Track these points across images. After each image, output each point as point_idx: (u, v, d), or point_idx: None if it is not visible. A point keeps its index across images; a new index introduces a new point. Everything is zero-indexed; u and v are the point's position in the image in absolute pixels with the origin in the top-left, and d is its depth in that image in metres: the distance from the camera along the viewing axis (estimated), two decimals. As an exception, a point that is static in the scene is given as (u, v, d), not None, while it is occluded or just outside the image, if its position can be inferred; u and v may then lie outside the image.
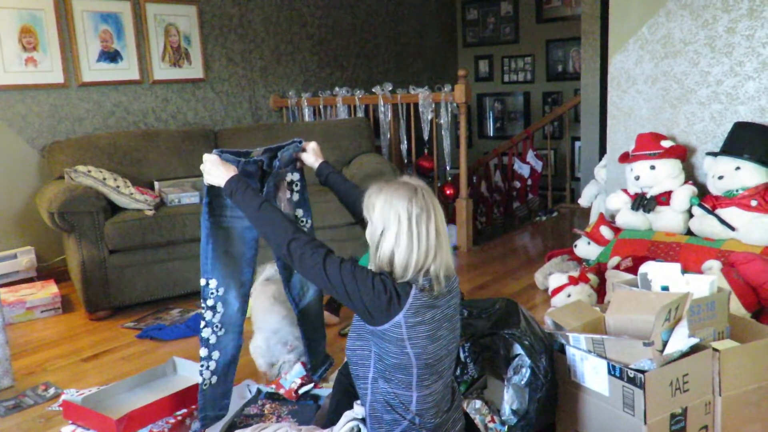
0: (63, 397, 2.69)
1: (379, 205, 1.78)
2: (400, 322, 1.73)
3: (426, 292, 1.76)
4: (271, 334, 2.73)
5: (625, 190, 3.73)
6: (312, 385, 2.62)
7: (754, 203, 3.21)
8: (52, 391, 2.83)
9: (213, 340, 2.28)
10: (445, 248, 1.80)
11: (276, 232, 1.90)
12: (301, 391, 2.59)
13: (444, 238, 1.80)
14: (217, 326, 2.29)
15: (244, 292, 2.36)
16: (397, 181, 1.83)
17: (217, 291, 2.27)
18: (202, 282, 2.25)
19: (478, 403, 2.27)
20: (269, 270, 3.01)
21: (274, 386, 2.64)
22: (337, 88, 5.39)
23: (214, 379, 2.31)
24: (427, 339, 1.77)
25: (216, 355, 2.30)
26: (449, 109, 4.80)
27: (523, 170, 6.09)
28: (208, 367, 2.29)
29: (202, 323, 2.27)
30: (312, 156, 2.37)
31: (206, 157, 2.12)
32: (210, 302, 2.26)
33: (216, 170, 2.08)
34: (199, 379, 2.29)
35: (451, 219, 5.10)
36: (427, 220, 1.76)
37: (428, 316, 1.76)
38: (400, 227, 1.74)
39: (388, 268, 1.78)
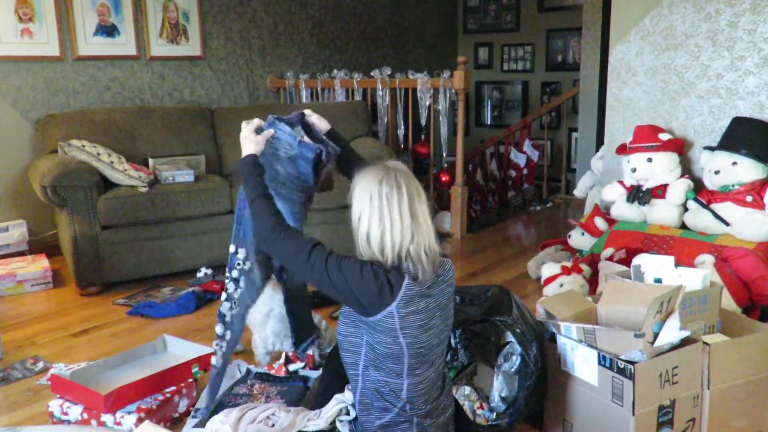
0: (51, 371, 2.68)
1: (357, 191, 1.77)
2: (392, 312, 1.71)
3: (419, 282, 1.74)
4: (275, 322, 2.70)
5: (621, 182, 3.73)
6: (302, 365, 2.62)
7: (749, 199, 3.21)
8: (40, 365, 2.82)
9: (228, 317, 2.17)
10: (425, 230, 1.76)
11: (261, 227, 1.88)
12: (291, 368, 2.59)
13: (423, 219, 1.76)
14: (235, 302, 2.18)
15: (268, 273, 2.27)
16: (375, 165, 1.81)
17: (244, 263, 2.17)
18: (231, 248, 2.15)
19: (467, 390, 2.28)
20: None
21: (265, 368, 2.64)
22: (335, 71, 5.35)
23: (220, 362, 2.20)
24: (420, 329, 1.76)
25: (228, 335, 2.20)
26: (447, 96, 4.77)
27: (519, 159, 6.08)
28: (221, 348, 2.19)
29: (224, 295, 2.17)
30: (321, 122, 2.31)
31: (244, 126, 2.11)
32: (235, 273, 2.15)
33: (244, 143, 2.10)
34: (213, 359, 2.19)
35: (445, 206, 5.09)
36: (399, 199, 1.72)
37: (422, 305, 1.75)
38: (371, 207, 1.73)
39: (373, 253, 1.75)
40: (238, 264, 2.16)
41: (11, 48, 4.16)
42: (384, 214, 1.72)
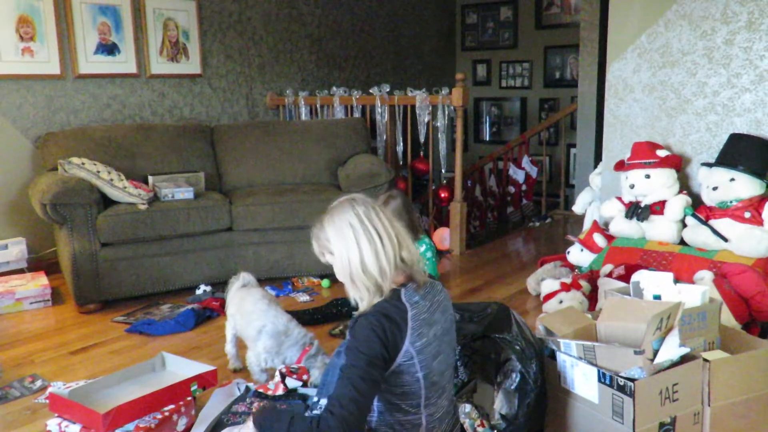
0: (50, 389, 2.67)
1: (332, 233, 1.75)
2: (409, 351, 1.70)
3: (420, 306, 1.73)
4: (284, 338, 2.67)
5: (620, 198, 3.74)
6: (300, 383, 2.60)
7: (747, 215, 3.22)
8: (39, 383, 2.81)
9: None
10: (405, 236, 1.78)
11: None
12: (290, 385, 2.57)
13: (399, 228, 1.78)
14: None
15: None
16: (333, 206, 1.81)
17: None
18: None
19: (467, 407, 2.27)
20: (245, 277, 2.95)
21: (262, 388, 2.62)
22: (334, 88, 5.38)
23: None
24: (432, 357, 1.76)
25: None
26: (446, 113, 4.80)
27: (518, 175, 6.10)
28: None
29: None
30: None
31: None
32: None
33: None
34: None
35: (444, 222, 5.10)
36: (375, 213, 1.75)
37: (431, 333, 1.74)
38: (356, 232, 1.72)
39: (374, 279, 1.71)
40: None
41: (12, 66, 4.18)
42: (370, 231, 1.72)
